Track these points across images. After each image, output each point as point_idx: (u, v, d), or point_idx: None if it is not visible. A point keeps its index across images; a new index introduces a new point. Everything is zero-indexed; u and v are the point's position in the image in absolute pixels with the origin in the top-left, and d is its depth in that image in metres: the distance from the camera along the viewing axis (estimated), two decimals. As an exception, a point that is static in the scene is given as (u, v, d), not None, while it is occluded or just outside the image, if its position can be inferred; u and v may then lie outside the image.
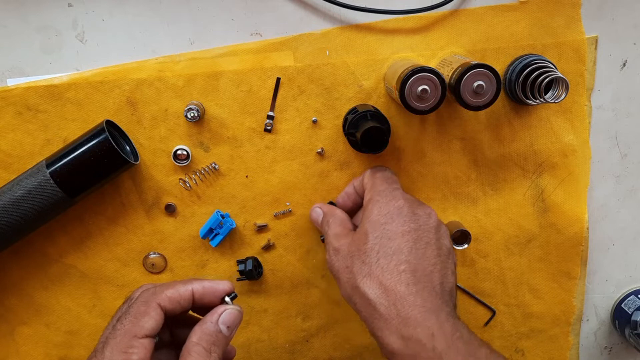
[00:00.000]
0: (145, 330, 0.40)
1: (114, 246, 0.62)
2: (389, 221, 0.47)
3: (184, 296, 0.43)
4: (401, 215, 0.48)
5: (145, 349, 0.40)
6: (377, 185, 0.52)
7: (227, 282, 0.45)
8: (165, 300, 0.42)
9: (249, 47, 0.58)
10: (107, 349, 0.40)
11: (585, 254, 0.65)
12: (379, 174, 0.54)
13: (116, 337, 0.40)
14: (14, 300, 0.63)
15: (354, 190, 0.57)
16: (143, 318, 0.41)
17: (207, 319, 0.43)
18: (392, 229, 0.47)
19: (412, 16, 0.57)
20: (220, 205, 0.61)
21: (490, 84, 0.51)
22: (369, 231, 0.47)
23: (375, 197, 0.50)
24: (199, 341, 0.41)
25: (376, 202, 0.49)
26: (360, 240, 0.47)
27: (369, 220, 0.48)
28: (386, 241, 0.46)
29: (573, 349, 0.69)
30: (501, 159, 0.62)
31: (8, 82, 0.57)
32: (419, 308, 0.43)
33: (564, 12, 0.58)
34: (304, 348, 0.67)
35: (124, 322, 0.41)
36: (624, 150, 0.63)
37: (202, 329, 0.42)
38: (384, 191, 0.50)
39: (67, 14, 0.56)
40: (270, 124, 0.59)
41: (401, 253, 0.45)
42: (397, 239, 0.46)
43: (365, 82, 0.59)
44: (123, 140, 0.58)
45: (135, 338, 0.40)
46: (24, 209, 0.54)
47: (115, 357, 0.39)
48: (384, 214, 0.48)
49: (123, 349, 0.39)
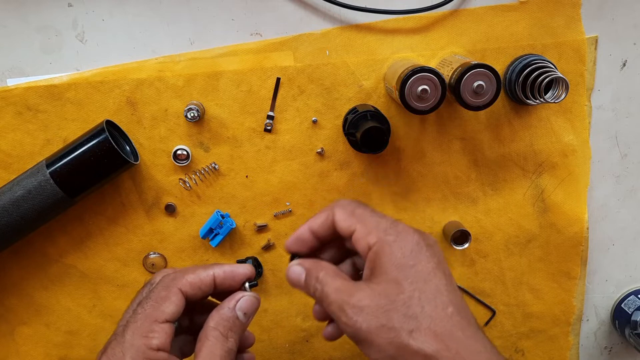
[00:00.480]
0: (166, 315, 0.40)
1: (114, 246, 0.62)
2: (417, 261, 0.40)
3: (205, 281, 0.43)
4: (422, 250, 0.41)
5: (165, 333, 0.40)
6: (372, 221, 0.42)
7: (247, 266, 0.45)
8: (187, 285, 0.42)
9: (249, 47, 0.58)
10: (127, 332, 0.40)
11: (585, 254, 0.65)
12: (361, 210, 0.44)
13: (137, 321, 0.40)
14: (14, 300, 0.63)
15: (311, 235, 0.45)
16: (164, 303, 0.41)
17: (225, 304, 0.43)
18: (423, 268, 0.40)
19: (412, 16, 0.57)
20: (220, 205, 0.61)
21: (490, 84, 0.51)
22: (400, 278, 0.40)
23: (384, 236, 0.41)
24: (216, 326, 0.41)
25: (393, 243, 0.41)
26: (391, 291, 0.39)
27: (395, 265, 0.40)
28: (423, 285, 0.39)
29: (573, 349, 0.69)
30: (501, 159, 0.62)
31: (8, 82, 0.57)
32: (482, 355, 0.39)
33: (564, 12, 0.58)
34: (304, 348, 0.67)
35: (145, 306, 0.41)
36: (624, 150, 0.63)
37: (220, 315, 0.42)
38: (391, 227, 0.42)
39: (67, 14, 0.56)
40: (270, 124, 0.59)
41: (442, 294, 0.40)
42: (432, 280, 0.40)
43: (365, 82, 0.59)
44: (123, 140, 0.58)
45: (156, 322, 0.40)
46: (24, 209, 0.54)
47: (135, 341, 0.39)
48: (407, 254, 0.41)
49: (144, 333, 0.39)
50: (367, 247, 0.41)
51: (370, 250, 0.41)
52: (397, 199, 0.63)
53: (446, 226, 0.64)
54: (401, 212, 0.63)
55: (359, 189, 0.62)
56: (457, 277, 0.65)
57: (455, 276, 0.65)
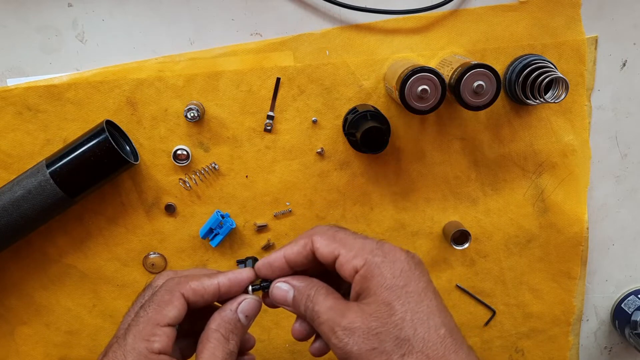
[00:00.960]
0: (168, 319, 0.40)
1: (114, 246, 0.62)
2: (407, 281, 0.39)
3: (209, 290, 0.43)
4: (412, 270, 0.40)
5: (167, 337, 0.40)
6: (356, 245, 0.41)
7: (249, 269, 0.44)
8: (190, 291, 0.42)
9: (249, 47, 0.58)
10: (129, 335, 0.40)
11: (585, 254, 0.65)
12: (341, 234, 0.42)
13: (139, 324, 0.40)
14: (14, 300, 0.63)
15: (285, 263, 0.43)
16: (167, 307, 0.41)
17: (227, 306, 0.43)
18: (414, 289, 0.39)
19: (412, 16, 0.57)
20: (220, 205, 0.61)
21: (490, 84, 0.51)
22: (391, 299, 0.38)
23: (371, 258, 0.40)
24: (218, 328, 0.41)
25: (381, 264, 0.40)
26: (382, 313, 0.38)
27: (385, 286, 0.39)
28: (415, 306, 0.39)
29: (573, 349, 0.69)
30: (501, 159, 0.62)
31: (8, 82, 0.57)
32: None
33: (564, 12, 0.58)
34: (304, 348, 0.67)
35: (147, 309, 0.41)
36: (624, 150, 0.63)
37: (221, 317, 0.42)
38: (377, 248, 0.41)
39: (67, 14, 0.56)
40: (270, 124, 0.59)
41: (434, 315, 0.39)
42: (423, 300, 0.39)
43: (365, 82, 0.59)
44: (123, 140, 0.58)
45: (158, 326, 0.40)
46: (24, 209, 0.54)
47: (137, 344, 0.39)
48: (397, 274, 0.39)
49: (145, 336, 0.39)
50: (354, 271, 0.40)
51: (357, 273, 0.40)
52: (397, 199, 0.63)
53: (446, 226, 0.64)
54: (401, 212, 0.63)
55: (359, 189, 0.62)
56: (457, 277, 0.65)
57: (455, 276, 0.66)
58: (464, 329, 0.67)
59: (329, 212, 0.62)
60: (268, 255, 0.43)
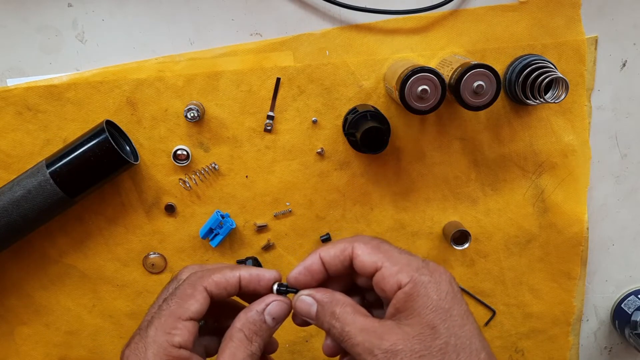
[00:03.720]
0: (190, 313, 0.40)
1: (114, 246, 0.62)
2: (452, 304, 0.38)
3: (231, 282, 0.42)
4: (456, 292, 0.39)
5: (188, 331, 0.40)
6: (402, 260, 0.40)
7: (274, 272, 0.43)
8: (212, 284, 0.42)
9: (249, 47, 0.58)
10: (151, 328, 0.40)
11: (585, 254, 0.65)
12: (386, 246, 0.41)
13: (161, 317, 0.40)
14: (14, 300, 0.63)
15: (322, 266, 0.41)
16: (189, 301, 0.40)
17: (254, 307, 0.42)
18: (457, 312, 0.38)
19: (412, 16, 0.57)
20: (220, 205, 0.61)
21: (490, 84, 0.51)
22: (435, 322, 0.37)
23: (418, 276, 0.39)
24: (242, 328, 0.41)
25: (427, 284, 0.38)
26: (426, 336, 0.37)
27: (431, 308, 0.38)
28: (458, 330, 0.38)
29: (573, 349, 0.69)
30: (501, 159, 0.62)
31: (8, 82, 0.57)
32: None
33: (564, 12, 0.58)
34: (304, 348, 0.67)
35: (170, 303, 0.41)
36: (624, 150, 0.63)
37: (247, 317, 0.41)
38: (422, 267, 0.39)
39: (67, 14, 0.56)
40: (270, 124, 0.59)
41: (474, 339, 0.38)
42: (466, 325, 0.38)
43: (365, 82, 0.59)
44: (123, 140, 0.58)
45: (180, 320, 0.40)
46: (24, 209, 0.54)
47: (158, 337, 0.39)
48: (443, 297, 0.38)
49: (167, 329, 0.39)
50: (397, 286, 0.38)
51: (400, 289, 0.38)
52: (397, 199, 0.63)
53: (446, 226, 0.64)
54: (401, 212, 0.63)
55: (359, 189, 0.62)
56: (457, 277, 0.65)
57: (455, 276, 0.65)
58: (464, 329, 0.67)
59: (329, 212, 0.62)
60: (303, 261, 0.41)
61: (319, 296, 0.41)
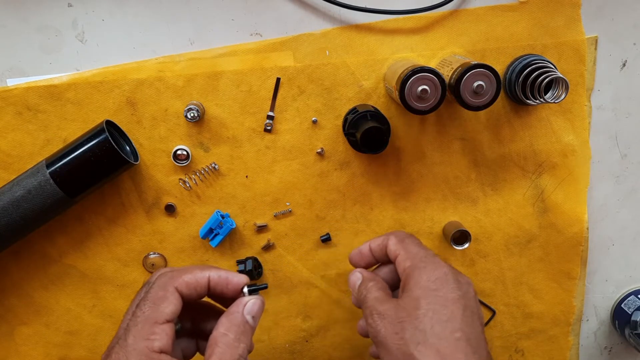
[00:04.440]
0: (166, 316, 0.40)
1: (114, 246, 0.62)
2: (439, 287, 0.45)
3: (201, 283, 0.43)
4: (449, 282, 0.46)
5: (166, 334, 0.40)
6: (414, 251, 0.49)
7: (243, 276, 0.46)
8: (183, 285, 0.42)
9: (249, 47, 0.58)
10: (129, 336, 0.40)
11: (585, 254, 0.65)
12: (408, 240, 0.51)
13: (137, 324, 0.40)
14: (14, 300, 0.63)
15: (370, 252, 0.53)
16: (162, 303, 0.41)
17: (234, 309, 0.43)
18: (443, 295, 0.45)
19: (412, 16, 0.57)
20: (220, 205, 0.61)
21: (490, 84, 0.51)
22: (420, 297, 0.45)
23: (418, 263, 0.48)
24: (227, 331, 0.41)
25: (423, 269, 0.47)
26: (410, 306, 0.45)
27: (419, 286, 0.46)
28: (439, 307, 0.44)
29: (573, 349, 0.69)
30: (501, 159, 0.62)
31: (8, 82, 0.57)
32: None
33: (564, 12, 0.58)
34: (304, 348, 0.67)
35: (143, 308, 0.41)
36: (624, 150, 0.63)
37: (230, 320, 0.42)
38: (425, 257, 0.48)
39: (67, 14, 0.56)
40: (270, 124, 0.59)
41: (455, 320, 0.43)
42: (449, 306, 0.44)
43: (365, 82, 0.59)
44: (123, 140, 0.58)
45: (156, 324, 0.40)
46: (24, 209, 0.54)
47: (138, 344, 0.39)
48: (433, 280, 0.46)
49: (145, 335, 0.39)
50: (403, 270, 0.48)
51: (404, 272, 0.48)
52: (397, 199, 0.63)
53: (446, 226, 0.64)
54: (401, 212, 0.63)
55: (359, 189, 0.62)
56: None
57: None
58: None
59: (329, 212, 0.62)
60: (359, 247, 0.54)
61: (365, 274, 0.52)
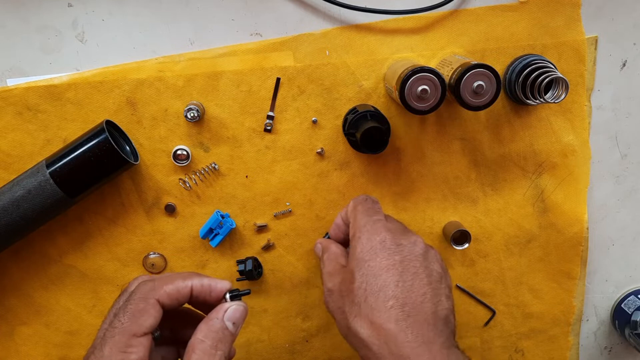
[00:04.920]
0: (144, 329, 0.40)
1: (114, 246, 0.62)
2: (372, 257, 0.46)
3: (183, 293, 0.43)
4: (384, 249, 0.47)
5: (144, 347, 0.39)
6: (358, 219, 0.50)
7: (226, 282, 0.45)
8: (164, 296, 0.42)
9: (249, 47, 0.58)
10: (105, 347, 0.39)
11: (585, 254, 0.65)
12: (360, 207, 0.52)
13: (114, 335, 0.39)
14: (14, 300, 0.63)
15: (342, 222, 0.55)
16: (142, 316, 0.40)
17: (213, 315, 0.42)
18: (376, 264, 0.46)
19: (412, 16, 0.57)
20: (220, 205, 0.61)
21: (490, 84, 0.51)
22: (354, 270, 0.46)
23: (357, 233, 0.49)
24: (205, 338, 0.41)
25: (359, 239, 0.48)
26: (348, 280, 0.47)
27: (354, 258, 0.47)
28: (372, 278, 0.45)
29: (573, 349, 0.69)
30: (501, 159, 0.62)
31: (8, 82, 0.57)
32: (410, 344, 0.42)
33: (564, 12, 0.58)
34: (304, 348, 0.67)
35: (122, 319, 0.40)
36: (624, 150, 0.63)
37: (208, 326, 0.41)
38: (365, 225, 0.49)
39: (67, 14, 0.56)
40: (270, 124, 0.59)
41: (388, 289, 0.44)
42: (382, 275, 0.45)
43: (365, 82, 0.59)
44: (123, 140, 0.58)
45: (134, 337, 0.39)
46: (24, 209, 0.54)
47: (113, 356, 0.38)
48: (367, 250, 0.47)
49: (121, 348, 0.39)
50: (351, 239, 0.50)
51: (351, 242, 0.50)
52: (397, 199, 0.63)
53: (446, 226, 0.64)
54: (401, 212, 0.63)
55: (359, 189, 0.62)
56: (457, 277, 0.65)
57: (455, 276, 0.65)
58: (463, 329, 0.67)
59: (329, 212, 0.62)
60: (334, 221, 0.56)
61: (323, 243, 0.55)
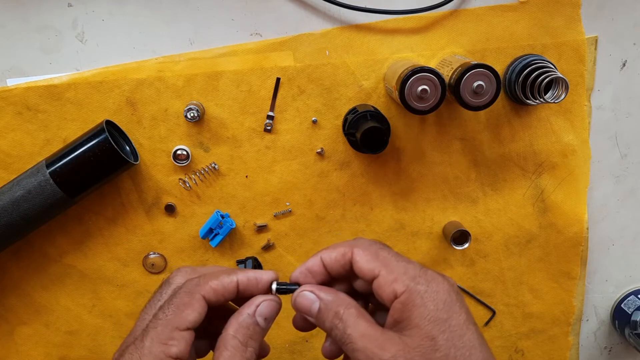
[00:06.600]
0: (188, 323, 0.39)
1: (114, 246, 0.62)
2: (450, 315, 0.38)
3: (228, 288, 0.41)
4: (454, 301, 0.38)
5: (185, 341, 0.39)
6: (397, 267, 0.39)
7: (271, 272, 0.42)
8: (210, 292, 0.40)
9: (249, 47, 0.58)
10: (147, 338, 0.39)
11: (585, 254, 0.65)
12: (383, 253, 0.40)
13: (157, 326, 0.39)
14: (14, 300, 0.63)
15: (323, 268, 0.41)
16: (186, 310, 0.39)
17: (244, 310, 0.41)
18: (457, 322, 0.38)
19: (412, 16, 0.57)
20: (220, 205, 0.61)
21: (490, 84, 0.51)
22: (434, 333, 0.37)
23: (414, 285, 0.38)
24: (235, 334, 0.40)
25: (424, 293, 0.38)
26: (426, 348, 0.37)
27: (429, 319, 0.37)
28: (457, 341, 0.37)
29: (573, 349, 0.69)
30: (501, 159, 0.62)
31: (8, 82, 0.57)
32: None
33: (564, 12, 0.58)
34: (304, 348, 0.67)
35: (166, 311, 0.40)
36: (624, 150, 0.63)
37: (239, 322, 0.40)
38: (419, 275, 0.39)
39: (67, 14, 0.56)
40: (270, 124, 0.59)
41: (475, 349, 0.37)
42: (465, 334, 0.38)
43: (365, 82, 0.59)
44: (123, 140, 0.58)
45: (177, 330, 0.39)
46: (24, 209, 0.54)
47: (154, 347, 0.38)
48: (440, 307, 0.38)
49: (163, 340, 0.38)
50: (393, 295, 0.38)
51: (396, 299, 0.38)
52: (397, 199, 0.63)
53: (446, 226, 0.64)
54: (401, 212, 0.63)
55: (359, 189, 0.62)
56: (457, 277, 0.65)
57: (455, 276, 0.66)
58: (464, 329, 0.67)
59: (329, 212, 0.62)
60: (304, 262, 0.42)
61: (323, 294, 0.40)
